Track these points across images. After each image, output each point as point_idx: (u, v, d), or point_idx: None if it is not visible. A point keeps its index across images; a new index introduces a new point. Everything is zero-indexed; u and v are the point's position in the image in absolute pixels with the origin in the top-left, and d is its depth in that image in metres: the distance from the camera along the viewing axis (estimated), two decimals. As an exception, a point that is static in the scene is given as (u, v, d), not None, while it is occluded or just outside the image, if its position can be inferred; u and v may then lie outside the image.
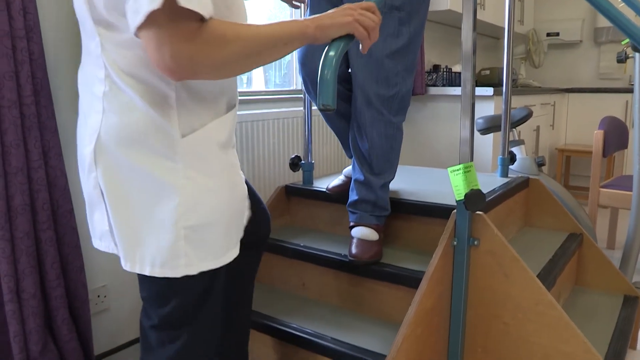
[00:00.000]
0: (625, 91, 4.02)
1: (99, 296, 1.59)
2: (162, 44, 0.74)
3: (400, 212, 1.62)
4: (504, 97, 1.95)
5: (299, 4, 1.65)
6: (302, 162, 1.92)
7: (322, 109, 0.98)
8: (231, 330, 1.25)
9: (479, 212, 1.33)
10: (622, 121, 2.90)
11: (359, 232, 1.54)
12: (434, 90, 3.10)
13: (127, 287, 1.67)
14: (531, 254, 1.65)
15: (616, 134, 2.75)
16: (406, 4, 1.42)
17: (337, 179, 1.76)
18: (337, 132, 1.71)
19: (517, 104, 3.23)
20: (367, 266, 1.49)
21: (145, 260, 0.89)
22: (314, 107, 2.16)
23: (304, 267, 1.67)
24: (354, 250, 1.50)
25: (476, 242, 1.33)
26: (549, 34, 4.58)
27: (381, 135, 1.51)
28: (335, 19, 0.92)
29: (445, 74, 3.23)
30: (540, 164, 2.40)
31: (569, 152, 4.04)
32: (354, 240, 1.54)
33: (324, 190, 1.78)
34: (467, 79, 1.31)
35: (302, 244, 1.68)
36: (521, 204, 1.90)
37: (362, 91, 1.48)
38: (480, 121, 2.50)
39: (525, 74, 4.61)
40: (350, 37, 0.95)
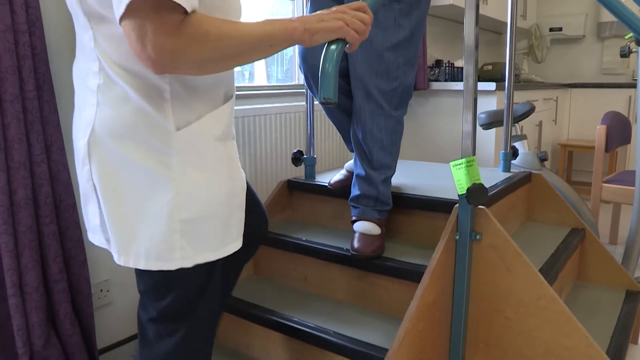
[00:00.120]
0: (628, 86, 4.01)
1: (101, 290, 1.59)
2: (144, 34, 0.73)
3: (402, 207, 1.62)
4: (506, 92, 1.94)
5: None
6: (304, 156, 1.92)
7: (323, 103, 0.97)
8: None
9: (481, 206, 1.32)
10: (625, 116, 2.89)
11: (361, 226, 1.54)
12: (436, 85, 3.09)
13: (129, 281, 1.68)
14: (533, 249, 1.65)
15: (619, 129, 2.74)
16: (406, -4, 1.41)
17: (339, 174, 1.76)
18: (339, 126, 1.71)
19: (519, 99, 3.22)
20: (369, 260, 1.49)
21: (140, 254, 0.88)
22: (316, 102, 2.16)
23: (305, 261, 1.67)
24: (356, 244, 1.50)
25: (478, 237, 1.33)
26: (551, 29, 4.56)
27: (381, 128, 1.50)
28: (325, 23, 0.88)
29: (447, 69, 3.22)
30: (542, 159, 2.39)
31: (571, 147, 4.03)
32: (356, 234, 1.54)
33: (326, 184, 1.78)
34: (470, 74, 1.31)
35: (304, 238, 1.68)
36: (523, 198, 1.90)
37: (362, 84, 1.47)
38: (482, 116, 2.49)
39: (527, 69, 4.59)
40: (343, 39, 0.92)
